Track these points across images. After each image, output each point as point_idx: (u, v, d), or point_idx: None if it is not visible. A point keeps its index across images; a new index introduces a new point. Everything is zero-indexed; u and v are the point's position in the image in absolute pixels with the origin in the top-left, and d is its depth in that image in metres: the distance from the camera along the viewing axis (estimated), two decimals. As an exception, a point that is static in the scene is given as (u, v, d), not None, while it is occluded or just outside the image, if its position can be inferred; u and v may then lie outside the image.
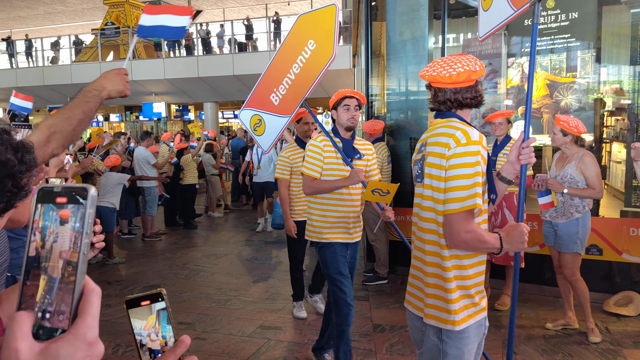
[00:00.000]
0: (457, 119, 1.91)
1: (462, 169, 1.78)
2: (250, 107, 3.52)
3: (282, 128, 3.39)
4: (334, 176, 3.09)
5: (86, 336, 0.52)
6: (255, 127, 3.52)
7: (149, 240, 7.73)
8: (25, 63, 21.21)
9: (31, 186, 0.91)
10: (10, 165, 0.83)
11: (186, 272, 5.97)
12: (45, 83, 19.39)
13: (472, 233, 1.78)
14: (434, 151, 1.88)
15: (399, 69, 5.81)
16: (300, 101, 3.23)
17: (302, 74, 3.20)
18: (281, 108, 3.35)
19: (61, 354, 0.50)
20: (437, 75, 1.89)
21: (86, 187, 0.54)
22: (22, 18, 25.56)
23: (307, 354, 3.70)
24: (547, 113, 5.08)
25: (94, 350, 0.53)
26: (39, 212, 0.54)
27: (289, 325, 4.25)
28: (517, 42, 5.30)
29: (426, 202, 1.93)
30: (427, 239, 1.94)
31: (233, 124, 27.64)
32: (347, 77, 16.18)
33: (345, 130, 3.13)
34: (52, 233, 0.54)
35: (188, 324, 4.30)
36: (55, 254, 0.53)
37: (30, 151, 0.89)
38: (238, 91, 18.35)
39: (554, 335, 3.92)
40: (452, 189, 1.79)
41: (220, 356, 3.69)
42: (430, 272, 1.92)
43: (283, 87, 3.31)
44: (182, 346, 0.67)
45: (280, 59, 3.32)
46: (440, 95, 1.94)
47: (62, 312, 0.53)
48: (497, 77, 5.40)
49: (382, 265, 5.33)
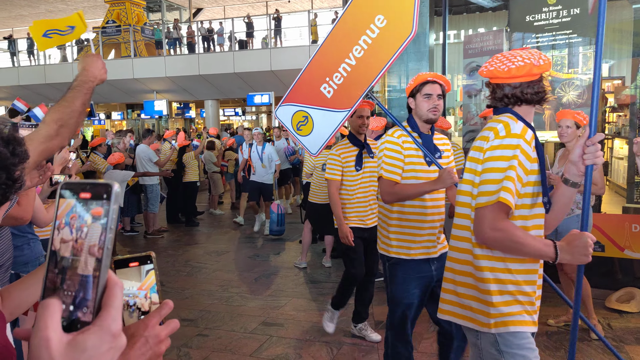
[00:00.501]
0: (512, 114, 1.78)
1: (495, 162, 1.67)
2: (292, 102, 2.99)
3: (337, 125, 2.89)
4: (416, 179, 2.61)
5: (111, 328, 0.53)
6: (299, 125, 3.01)
7: (151, 237, 7.74)
8: (27, 61, 21.22)
9: (25, 180, 0.92)
10: (3, 157, 0.85)
11: (188, 269, 5.99)
12: (47, 81, 19.40)
13: (502, 232, 1.63)
14: (476, 145, 1.80)
15: (400, 66, 5.81)
16: (365, 90, 2.75)
17: (367, 58, 2.70)
18: (337, 101, 2.83)
19: (88, 345, 0.51)
20: (495, 70, 1.78)
21: (110, 184, 0.55)
22: (23, 16, 25.56)
23: (309, 351, 3.71)
24: (548, 109, 5.08)
25: (117, 342, 0.54)
26: (63, 208, 0.55)
27: (291, 322, 4.26)
28: (518, 38, 5.29)
29: (461, 197, 1.85)
30: (460, 235, 1.84)
31: (234, 122, 27.65)
32: (349, 74, 16.15)
33: (424, 123, 2.64)
34: (75, 228, 0.54)
35: (190, 321, 4.31)
36: (79, 249, 0.54)
37: (22, 143, 0.90)
38: (239, 89, 18.34)
39: (556, 331, 3.93)
40: (483, 182, 1.69)
41: (223, 352, 3.70)
42: (462, 271, 1.81)
43: (339, 75, 2.79)
44: (166, 308, 0.69)
45: (333, 43, 2.80)
46: (498, 92, 1.83)
47: (87, 306, 0.54)
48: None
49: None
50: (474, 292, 1.78)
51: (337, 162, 3.64)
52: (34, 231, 2.99)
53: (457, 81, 7.47)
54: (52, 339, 0.51)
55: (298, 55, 16.17)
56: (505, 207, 1.64)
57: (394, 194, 2.56)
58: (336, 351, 3.68)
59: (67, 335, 0.52)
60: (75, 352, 0.51)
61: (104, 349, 0.52)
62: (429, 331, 3.96)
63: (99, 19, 22.48)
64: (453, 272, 1.87)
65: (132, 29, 19.23)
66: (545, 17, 5.04)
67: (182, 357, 3.64)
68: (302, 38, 18.07)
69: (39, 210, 2.56)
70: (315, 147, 3.04)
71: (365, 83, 2.73)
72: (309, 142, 3.03)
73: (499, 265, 1.73)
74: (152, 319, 0.65)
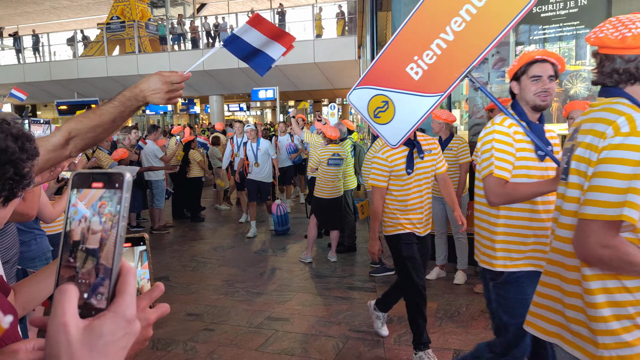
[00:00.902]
0: (627, 100, 1.46)
1: (615, 166, 1.34)
2: (370, 84, 2.58)
3: (425, 113, 2.46)
4: (528, 177, 2.15)
5: (125, 314, 0.54)
6: (377, 112, 2.62)
7: (157, 233, 7.77)
8: (32, 58, 21.30)
9: (34, 177, 0.92)
10: (11, 152, 0.85)
11: (194, 264, 6.00)
12: (52, 78, 19.47)
13: (612, 249, 1.35)
14: (585, 141, 1.46)
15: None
16: (465, 70, 2.31)
17: (469, 31, 2.26)
18: (426, 83, 2.40)
19: (104, 331, 0.53)
20: (605, 38, 1.48)
21: (122, 172, 0.56)
22: (28, 13, 25.64)
23: (315, 345, 3.71)
24: (556, 102, 5.03)
25: (132, 328, 0.55)
26: (76, 197, 0.56)
27: (297, 317, 4.26)
28: (525, 30, 5.23)
29: (568, 204, 1.53)
30: (568, 250, 1.53)
31: (239, 117, 27.66)
32: (353, 69, 16.12)
33: (532, 110, 2.21)
34: (88, 217, 0.55)
35: (196, 315, 4.32)
36: (93, 237, 0.55)
37: (31, 140, 0.90)
38: (243, 84, 18.34)
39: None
40: (595, 189, 1.38)
41: (229, 347, 3.71)
42: (572, 292, 1.53)
43: (431, 53, 2.36)
44: (157, 290, 0.69)
45: (424, 16, 2.37)
46: (606, 65, 1.50)
47: (101, 292, 0.55)
48: (505, 66, 5.35)
49: (389, 256, 5.32)
50: (583, 317, 1.49)
51: (384, 166, 3.18)
52: (41, 227, 3.00)
53: (462, 74, 7.42)
54: (70, 324, 0.52)
55: (302, 50, 16.13)
56: (617, 222, 1.35)
57: (505, 195, 2.08)
58: (342, 345, 3.68)
59: (84, 321, 0.53)
60: (92, 338, 0.52)
61: (120, 335, 0.54)
62: (434, 325, 3.95)
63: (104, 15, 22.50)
64: (561, 291, 1.58)
65: (136, 25, 19.24)
66: (552, 8, 4.98)
67: (188, 352, 3.65)
68: (306, 32, 18.01)
69: (45, 206, 2.56)
70: (395, 138, 2.65)
71: (465, 62, 2.30)
72: (388, 131, 2.64)
73: (613, 284, 1.42)
74: (143, 302, 0.65)
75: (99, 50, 20.11)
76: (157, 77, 1.48)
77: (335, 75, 17.46)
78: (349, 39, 15.82)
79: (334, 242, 5.95)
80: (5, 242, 2.30)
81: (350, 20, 16.86)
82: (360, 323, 4.06)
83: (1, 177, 0.84)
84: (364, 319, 4.14)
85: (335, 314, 4.27)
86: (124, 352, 0.55)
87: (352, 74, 16.56)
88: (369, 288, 4.92)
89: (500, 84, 5.42)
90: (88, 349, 0.52)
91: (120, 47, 20.80)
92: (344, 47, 15.68)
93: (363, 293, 4.79)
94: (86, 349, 0.52)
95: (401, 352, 3.55)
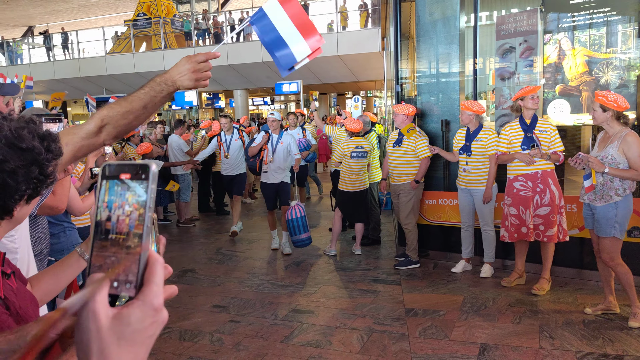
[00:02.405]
0: None
1: None
2: None
3: None
4: None
5: (153, 302, 0.55)
6: None
7: (183, 226, 7.89)
8: (62, 56, 21.79)
9: (56, 176, 0.94)
10: (37, 152, 0.87)
11: (219, 257, 6.08)
12: (81, 74, 19.89)
13: None
14: None
15: (429, 50, 5.68)
16: None
17: None
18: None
19: (132, 319, 0.54)
20: None
21: (148, 164, 0.58)
22: (57, 12, 26.21)
23: (339, 338, 3.72)
24: (586, 91, 4.89)
25: (159, 317, 0.56)
26: (105, 188, 0.58)
27: (321, 309, 4.27)
28: (553, 18, 5.09)
29: None
30: None
31: (263, 111, 27.78)
32: (377, 61, 15.98)
33: None
34: (117, 207, 0.57)
35: (222, 307, 4.38)
36: (122, 227, 0.57)
37: (56, 140, 0.93)
38: (267, 78, 18.39)
39: (593, 320, 3.81)
40: None
41: (254, 339, 3.75)
42: None
43: None
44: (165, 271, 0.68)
45: None
46: None
47: (130, 281, 0.56)
48: (532, 55, 5.22)
49: (413, 249, 5.29)
50: None
51: None
52: (71, 220, 3.08)
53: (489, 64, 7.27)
54: (100, 312, 0.53)
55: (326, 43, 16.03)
56: None
57: None
58: (366, 338, 3.68)
59: (113, 309, 0.54)
60: (121, 325, 0.53)
61: (147, 323, 0.55)
62: (460, 319, 3.91)
63: (130, 12, 22.83)
64: None
65: (162, 21, 19.48)
66: (582, -6, 4.83)
67: (214, 343, 3.70)
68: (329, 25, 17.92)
69: (74, 199, 2.63)
70: None
71: None
72: None
73: None
74: None
75: (126, 47, 20.45)
76: (183, 60, 1.49)
77: (358, 68, 17.35)
78: (372, 30, 15.68)
79: (358, 235, 5.93)
80: (36, 234, 2.36)
81: (374, 12, 16.70)
82: (384, 316, 4.05)
83: (27, 176, 0.87)
84: (389, 312, 4.13)
85: (359, 307, 4.27)
86: (151, 340, 0.56)
87: (375, 66, 16.43)
88: (393, 281, 4.90)
89: (528, 74, 5.30)
90: (117, 337, 0.53)
91: (147, 44, 21.10)
92: (368, 39, 15.55)
93: (388, 286, 4.77)
94: (115, 336, 0.53)
95: (426, 346, 3.52)
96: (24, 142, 0.86)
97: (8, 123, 0.86)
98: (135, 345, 0.54)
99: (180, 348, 3.64)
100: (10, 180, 0.85)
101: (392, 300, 4.40)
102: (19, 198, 0.88)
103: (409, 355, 3.41)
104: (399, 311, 4.15)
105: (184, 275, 5.39)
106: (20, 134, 0.86)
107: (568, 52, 5.02)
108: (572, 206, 4.61)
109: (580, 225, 4.51)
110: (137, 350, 0.54)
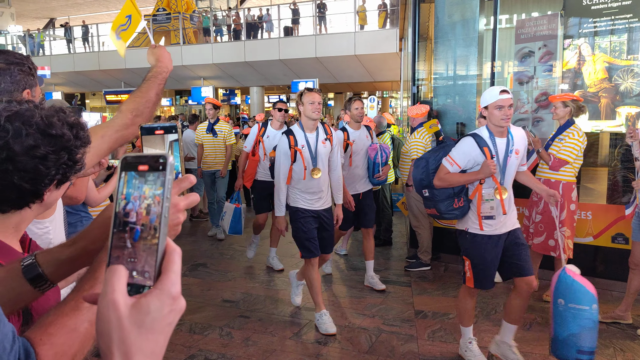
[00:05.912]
0: None
1: None
2: None
3: None
4: None
5: (171, 291, 0.56)
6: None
7: (196, 220, 7.96)
8: (82, 48, 22.07)
9: (85, 162, 0.98)
10: (66, 139, 0.91)
11: (231, 252, 6.12)
12: (101, 67, 20.14)
13: None
14: None
15: (447, 52, 5.66)
16: None
17: None
18: None
19: (151, 308, 0.55)
20: None
21: (165, 155, 0.58)
22: (79, 5, 26.57)
23: (348, 337, 3.73)
24: (605, 97, 4.83)
25: (177, 305, 0.57)
26: (123, 180, 0.59)
27: (330, 308, 4.28)
28: (574, 23, 5.04)
29: None
30: None
31: (279, 109, 27.80)
32: (394, 62, 15.93)
33: None
34: (135, 198, 0.58)
35: (233, 302, 4.42)
36: (140, 218, 0.58)
37: (84, 128, 0.97)
38: (284, 75, 18.44)
39: (605, 329, 3.77)
40: None
41: (264, 334, 3.78)
42: None
43: None
44: (186, 182, 0.71)
45: None
46: None
47: (147, 271, 0.57)
48: (552, 60, 5.17)
49: (424, 251, 5.28)
50: None
51: None
52: (88, 210, 3.14)
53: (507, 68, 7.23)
54: (119, 301, 0.54)
55: (343, 42, 16.06)
56: None
57: None
58: (375, 338, 3.68)
59: (132, 299, 0.56)
60: (140, 314, 0.55)
61: (166, 311, 0.56)
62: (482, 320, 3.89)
63: (150, 7, 23.04)
64: None
65: (181, 16, 19.64)
66: (603, 0, 4.77)
67: (224, 337, 3.74)
68: (347, 25, 17.91)
69: (91, 190, 2.69)
70: None
71: None
72: None
73: None
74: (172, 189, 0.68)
75: (146, 42, 20.65)
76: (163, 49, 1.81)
77: (375, 68, 17.31)
78: (390, 31, 15.63)
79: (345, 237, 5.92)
80: (55, 224, 2.41)
81: (392, 13, 16.64)
82: (394, 317, 4.06)
83: (56, 162, 0.91)
84: (398, 313, 4.13)
85: (369, 307, 4.28)
86: (170, 328, 0.57)
87: (392, 66, 16.38)
88: (404, 282, 4.90)
89: (547, 78, 5.25)
90: (137, 326, 0.54)
91: (166, 39, 21.28)
92: (385, 39, 15.51)
93: (398, 287, 4.77)
94: (135, 325, 0.54)
95: (435, 349, 3.52)
96: (54, 129, 0.90)
97: (39, 111, 0.90)
98: (155, 333, 0.55)
99: (190, 341, 3.68)
100: (41, 166, 0.89)
101: (401, 301, 4.40)
102: (49, 182, 0.92)
103: (417, 357, 3.41)
104: (408, 313, 4.15)
105: (195, 269, 5.44)
106: (51, 121, 0.90)
107: (588, 57, 4.97)
108: (587, 213, 4.57)
109: (594, 233, 4.46)
110: (157, 337, 0.56)
